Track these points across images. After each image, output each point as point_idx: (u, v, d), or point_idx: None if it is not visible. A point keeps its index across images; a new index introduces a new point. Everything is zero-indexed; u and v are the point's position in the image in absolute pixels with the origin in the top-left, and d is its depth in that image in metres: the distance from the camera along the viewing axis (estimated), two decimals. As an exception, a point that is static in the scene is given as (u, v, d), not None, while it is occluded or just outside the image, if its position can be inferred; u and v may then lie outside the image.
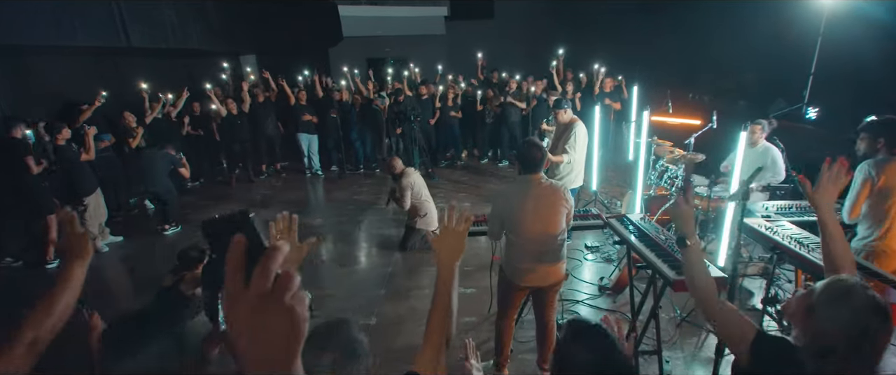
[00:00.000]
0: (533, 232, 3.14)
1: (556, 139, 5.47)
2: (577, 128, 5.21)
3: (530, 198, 3.12)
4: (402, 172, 5.74)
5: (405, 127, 8.62)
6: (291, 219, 1.84)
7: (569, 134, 5.21)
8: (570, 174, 5.37)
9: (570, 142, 5.17)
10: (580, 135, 5.22)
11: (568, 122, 5.34)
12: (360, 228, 6.76)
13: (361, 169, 9.65)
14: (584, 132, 5.27)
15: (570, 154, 5.18)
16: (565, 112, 5.33)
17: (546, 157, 3.19)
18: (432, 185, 8.44)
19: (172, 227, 7.04)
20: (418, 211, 5.76)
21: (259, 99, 8.99)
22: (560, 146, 5.31)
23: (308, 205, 7.87)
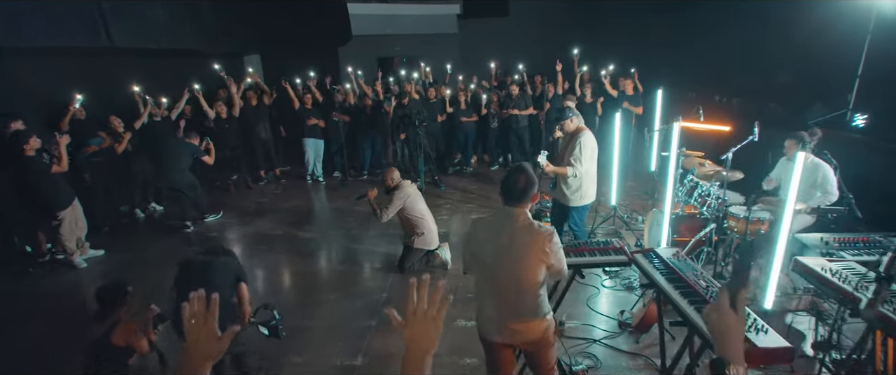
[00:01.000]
0: (501, 275, 2.52)
1: (563, 149, 4.83)
2: (582, 137, 4.58)
3: (506, 236, 2.48)
4: (397, 185, 5.12)
5: (410, 132, 8.01)
6: (211, 301, 1.23)
7: (574, 144, 4.58)
8: (578, 190, 4.74)
9: (576, 153, 4.55)
10: (587, 146, 4.58)
11: (574, 132, 4.70)
12: (355, 244, 6.16)
13: (365, 174, 9.06)
14: (591, 143, 4.64)
15: (575, 167, 4.55)
16: (571, 121, 4.71)
17: (533, 187, 2.53)
18: (438, 195, 7.85)
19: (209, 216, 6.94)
20: (415, 229, 5.14)
21: (252, 102, 8.45)
22: (565, 157, 4.69)
23: (303, 215, 7.30)
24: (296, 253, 5.98)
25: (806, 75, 7.67)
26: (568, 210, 4.87)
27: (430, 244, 5.21)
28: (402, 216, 5.13)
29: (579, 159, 4.54)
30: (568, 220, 4.94)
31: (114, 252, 6.13)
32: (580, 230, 4.98)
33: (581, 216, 4.93)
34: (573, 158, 4.55)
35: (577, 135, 4.62)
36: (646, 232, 5.38)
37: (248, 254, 6.01)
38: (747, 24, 8.29)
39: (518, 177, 2.50)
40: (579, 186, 4.72)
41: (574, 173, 4.55)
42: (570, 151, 4.60)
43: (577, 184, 4.70)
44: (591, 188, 4.81)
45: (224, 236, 6.66)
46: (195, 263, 3.20)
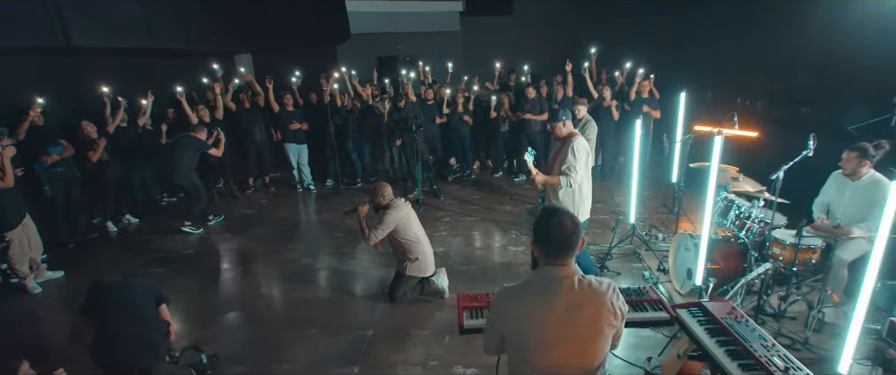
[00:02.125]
0: (555, 364, 1.78)
1: (553, 157, 4.16)
2: (575, 142, 3.90)
3: (558, 308, 1.75)
4: (390, 204, 4.41)
5: (406, 137, 7.28)
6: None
7: (566, 151, 3.90)
8: (571, 206, 4.00)
9: (569, 160, 3.86)
10: (581, 152, 3.90)
11: (566, 137, 4.02)
12: (343, 264, 5.45)
13: (359, 182, 8.34)
14: (584, 148, 3.96)
15: (569, 176, 3.86)
16: (564, 124, 4.02)
17: (581, 229, 1.81)
18: (437, 206, 7.13)
19: (187, 228, 6.53)
20: (408, 254, 4.42)
21: (245, 104, 7.76)
22: (556, 166, 4.00)
23: (289, 230, 6.60)
24: (276, 276, 5.27)
25: (842, 75, 6.89)
26: None
27: (424, 270, 4.49)
28: (394, 239, 4.42)
29: (574, 167, 3.84)
30: None
31: (75, 273, 5.43)
32: (582, 255, 4.24)
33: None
34: (566, 166, 3.85)
35: (569, 140, 3.93)
36: (671, 258, 4.64)
37: (223, 277, 5.32)
38: (770, 20, 7.50)
39: (562, 222, 1.79)
40: (572, 201, 4.00)
41: (568, 183, 3.87)
42: (563, 158, 3.90)
43: (570, 198, 4.00)
44: (586, 204, 4.12)
45: (201, 252, 5.96)
46: (113, 286, 3.06)
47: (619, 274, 4.91)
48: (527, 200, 7.30)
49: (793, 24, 7.11)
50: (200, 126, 6.63)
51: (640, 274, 4.92)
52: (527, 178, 3.83)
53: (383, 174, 8.93)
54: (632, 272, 4.99)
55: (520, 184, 8.15)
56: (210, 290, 5.08)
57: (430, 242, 4.61)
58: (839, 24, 6.24)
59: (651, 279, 4.76)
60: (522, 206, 7.05)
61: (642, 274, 4.89)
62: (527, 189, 7.87)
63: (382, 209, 4.41)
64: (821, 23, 6.64)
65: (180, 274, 5.40)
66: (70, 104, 6.77)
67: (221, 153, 6.82)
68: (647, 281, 4.74)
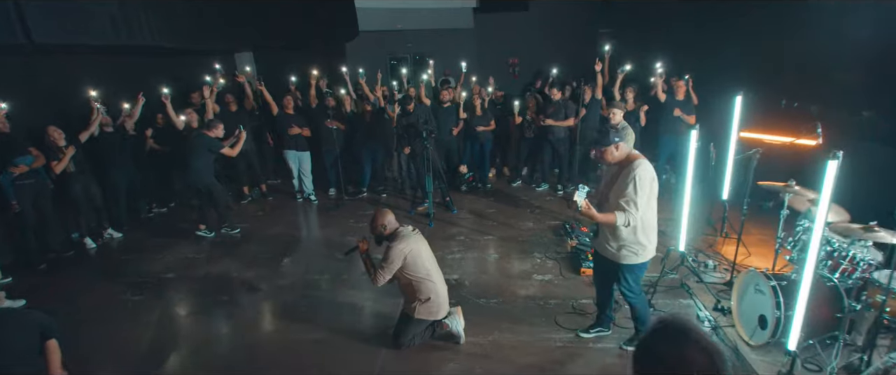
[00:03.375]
0: None
1: (607, 185, 3.26)
2: (639, 170, 3.00)
3: None
4: (393, 234, 3.59)
5: (416, 145, 6.46)
6: None
7: (626, 179, 3.00)
8: (634, 242, 3.18)
9: (628, 192, 2.99)
10: (644, 182, 3.00)
11: (623, 161, 3.14)
12: (343, 295, 4.65)
13: (365, 192, 7.54)
14: (650, 176, 3.05)
15: (628, 212, 2.98)
16: (617, 147, 3.09)
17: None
18: (450, 221, 6.30)
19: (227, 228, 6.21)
20: (418, 293, 3.61)
21: (231, 108, 6.99)
22: (612, 198, 3.11)
23: (284, 250, 5.81)
24: (264, 310, 4.49)
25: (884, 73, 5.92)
26: (618, 268, 3.30)
27: (436, 313, 3.67)
28: (401, 276, 3.60)
29: (634, 201, 2.98)
30: (619, 283, 3.38)
31: (39, 300, 4.69)
32: (636, 296, 3.41)
33: (637, 277, 3.36)
34: (625, 200, 2.99)
35: (629, 166, 3.05)
36: (735, 298, 3.77)
37: (203, 310, 4.53)
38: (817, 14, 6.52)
39: (685, 356, 1.03)
40: (635, 238, 3.15)
41: (627, 221, 2.99)
42: (620, 189, 3.03)
43: (631, 234, 3.14)
44: (652, 238, 3.23)
45: (183, 276, 5.19)
46: None
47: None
48: (550, 215, 6.44)
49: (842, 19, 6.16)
50: (215, 122, 6.01)
51: (694, 314, 4.05)
52: (576, 209, 2.88)
53: (390, 182, 8.12)
54: (682, 311, 4.13)
55: (541, 195, 7.29)
56: (184, 326, 4.31)
57: (442, 276, 3.78)
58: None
59: (708, 321, 3.90)
60: (545, 223, 6.19)
61: (696, 315, 4.02)
62: (549, 201, 7.01)
63: (386, 239, 3.61)
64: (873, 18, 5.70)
65: (155, 303, 4.63)
66: (44, 108, 6.03)
67: (237, 153, 6.18)
68: (704, 325, 3.88)
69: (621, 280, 3.34)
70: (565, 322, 4.01)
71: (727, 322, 3.87)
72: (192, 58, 8.49)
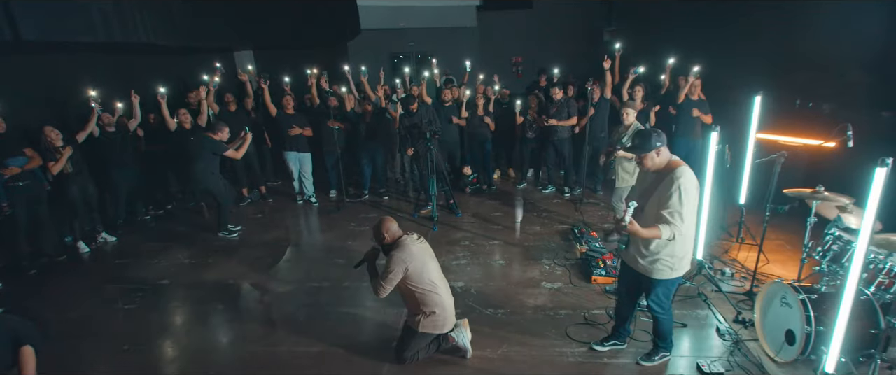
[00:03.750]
0: None
1: (643, 193, 3.00)
2: (683, 179, 2.75)
3: None
4: (396, 242, 3.37)
5: (419, 146, 6.23)
6: None
7: (670, 189, 2.75)
8: (671, 256, 2.93)
9: (672, 203, 2.74)
10: (689, 192, 2.75)
11: (663, 168, 2.89)
12: (343, 303, 4.43)
13: (367, 194, 7.32)
14: (694, 186, 2.80)
15: (673, 225, 2.73)
16: (658, 152, 2.85)
17: None
18: (454, 224, 6.08)
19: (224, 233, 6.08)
20: (422, 305, 3.38)
21: (230, 108, 6.78)
22: (651, 210, 2.86)
23: (281, 254, 5.60)
24: (261, 320, 4.26)
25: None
26: (650, 284, 3.07)
27: (442, 326, 3.45)
28: (404, 288, 3.38)
29: (679, 213, 2.74)
30: (647, 296, 3.16)
31: (27, 308, 4.47)
32: (665, 312, 3.18)
33: (669, 292, 3.14)
34: (669, 211, 2.75)
35: (671, 174, 2.80)
36: (759, 309, 3.54)
37: (197, 320, 4.32)
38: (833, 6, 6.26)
39: None
40: (671, 250, 2.92)
41: (672, 235, 2.75)
42: (662, 199, 2.79)
43: (668, 246, 2.90)
44: (688, 250, 3.00)
45: (178, 283, 4.98)
46: None
47: (685, 327, 3.81)
48: (557, 218, 6.22)
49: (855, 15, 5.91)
50: (220, 124, 5.82)
51: (713, 325, 3.83)
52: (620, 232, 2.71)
53: (393, 183, 7.90)
54: (699, 322, 3.90)
55: (548, 198, 7.05)
56: (176, 337, 4.09)
57: (449, 288, 3.56)
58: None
59: (730, 335, 3.67)
60: (553, 227, 5.97)
61: (716, 328, 3.80)
62: (556, 204, 6.78)
63: (388, 248, 3.39)
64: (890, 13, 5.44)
65: (148, 313, 4.42)
66: (41, 108, 5.83)
67: (241, 155, 6.02)
68: (725, 338, 3.66)
69: (651, 294, 3.11)
70: (577, 335, 3.79)
71: (750, 335, 3.64)
72: (191, 56, 8.28)
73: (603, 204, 6.66)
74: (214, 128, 5.79)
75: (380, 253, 3.51)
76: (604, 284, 4.50)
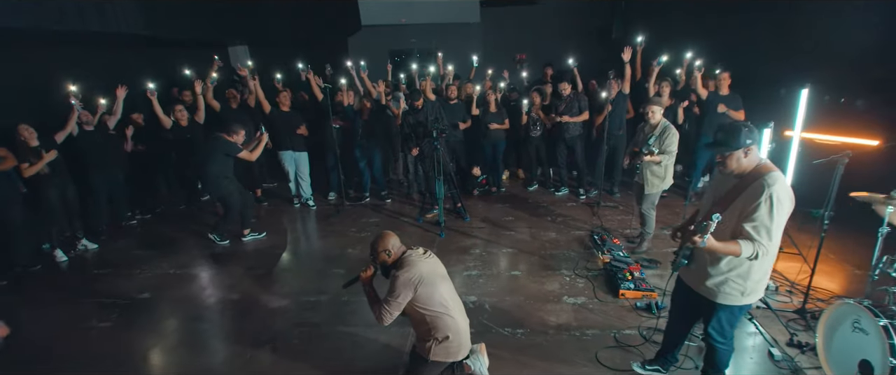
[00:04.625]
0: None
1: (721, 201, 2.47)
2: (775, 188, 2.24)
3: None
4: (399, 261, 2.85)
5: (425, 146, 5.73)
6: None
7: (757, 199, 2.24)
8: (747, 277, 2.44)
9: (760, 217, 2.24)
10: (783, 204, 2.26)
11: (752, 172, 2.38)
12: (342, 323, 3.92)
13: (367, 197, 6.82)
14: (789, 196, 2.31)
15: (759, 244, 2.25)
16: (747, 152, 2.34)
17: None
18: (462, 230, 5.58)
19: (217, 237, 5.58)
20: (433, 330, 2.87)
21: (231, 104, 6.27)
22: (730, 218, 2.37)
23: (275, 263, 5.10)
24: (249, 341, 3.75)
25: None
26: (713, 308, 2.56)
27: (456, 353, 2.94)
28: (413, 310, 2.86)
29: (767, 229, 2.23)
30: (707, 323, 2.64)
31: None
32: (726, 342, 2.66)
33: (734, 320, 2.62)
34: (754, 225, 2.24)
35: (761, 180, 2.27)
36: (821, 334, 3.04)
37: (177, 341, 3.81)
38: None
39: None
40: (747, 272, 2.41)
41: (755, 253, 2.25)
42: (747, 210, 2.27)
43: (745, 268, 2.40)
44: (766, 273, 2.48)
45: (160, 297, 4.47)
46: None
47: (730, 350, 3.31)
48: (574, 223, 5.71)
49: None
50: (236, 125, 5.30)
51: (765, 348, 3.33)
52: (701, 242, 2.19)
53: (395, 185, 7.40)
54: (746, 344, 3.40)
55: (561, 200, 6.55)
56: (153, 361, 3.58)
57: (463, 309, 3.05)
58: None
59: (786, 362, 3.17)
60: (570, 233, 5.47)
61: (768, 352, 3.30)
62: (571, 207, 6.28)
63: (391, 268, 2.87)
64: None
65: (123, 332, 3.92)
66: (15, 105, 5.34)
67: (256, 157, 5.54)
68: (780, 366, 3.16)
69: (712, 320, 2.60)
70: (610, 360, 3.29)
71: (810, 362, 3.14)
72: (183, 52, 7.78)
73: (622, 207, 6.15)
74: (230, 130, 5.24)
75: (375, 273, 2.98)
76: (633, 299, 4.00)
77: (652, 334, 3.48)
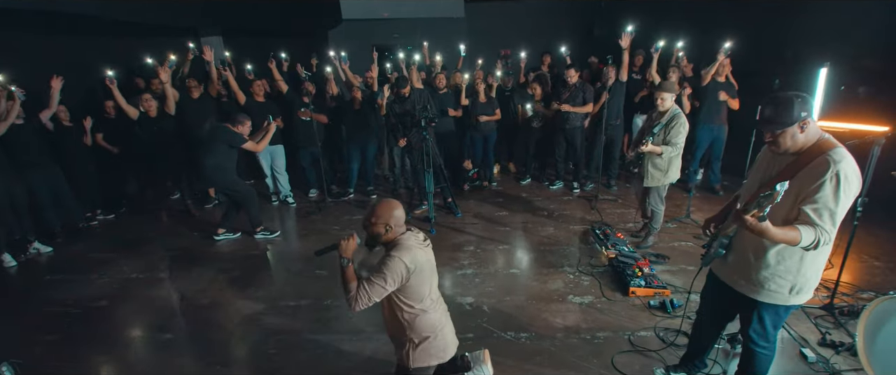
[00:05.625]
0: None
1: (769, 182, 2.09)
2: (842, 164, 1.88)
3: None
4: (396, 241, 2.39)
5: (413, 136, 5.30)
6: None
7: (820, 178, 1.87)
8: (798, 271, 2.08)
9: (824, 199, 1.88)
10: (852, 184, 1.89)
11: (811, 149, 1.99)
12: (322, 333, 3.47)
13: (352, 192, 6.35)
14: (857, 175, 1.93)
15: (822, 228, 1.90)
16: (803, 127, 1.96)
17: None
18: (454, 226, 5.17)
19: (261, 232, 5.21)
20: (409, 330, 2.40)
21: (192, 94, 5.75)
22: (788, 201, 1.99)
23: (250, 267, 4.61)
24: (218, 356, 3.27)
25: None
26: (755, 307, 2.21)
27: (443, 353, 2.47)
28: (393, 303, 2.38)
29: (831, 213, 1.88)
30: (748, 324, 2.28)
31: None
32: (768, 347, 2.30)
33: (778, 322, 2.26)
34: (816, 208, 1.88)
35: (825, 156, 1.90)
36: (862, 331, 2.70)
37: (136, 356, 3.31)
38: None
39: None
40: (798, 265, 2.06)
41: (815, 241, 1.89)
42: (809, 191, 1.90)
43: (795, 261, 2.05)
44: (820, 267, 2.11)
45: (118, 304, 3.95)
46: None
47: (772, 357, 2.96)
48: (572, 218, 5.35)
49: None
50: (242, 116, 4.88)
51: (794, 349, 2.99)
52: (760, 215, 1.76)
53: (380, 181, 6.95)
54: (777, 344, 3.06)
55: (556, 195, 6.18)
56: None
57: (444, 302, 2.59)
58: None
59: (822, 364, 2.83)
60: (569, 227, 5.10)
61: (799, 351, 2.96)
62: (567, 201, 5.92)
63: (386, 245, 2.41)
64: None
65: (74, 346, 3.40)
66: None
67: (263, 148, 5.09)
68: (815, 368, 2.82)
69: (754, 321, 2.24)
70: (627, 367, 2.91)
71: (849, 364, 2.82)
72: (151, 39, 7.20)
73: (620, 200, 5.82)
74: (234, 120, 4.80)
75: (357, 249, 2.39)
76: (645, 297, 3.64)
77: (675, 336, 3.12)
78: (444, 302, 2.56)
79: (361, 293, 2.23)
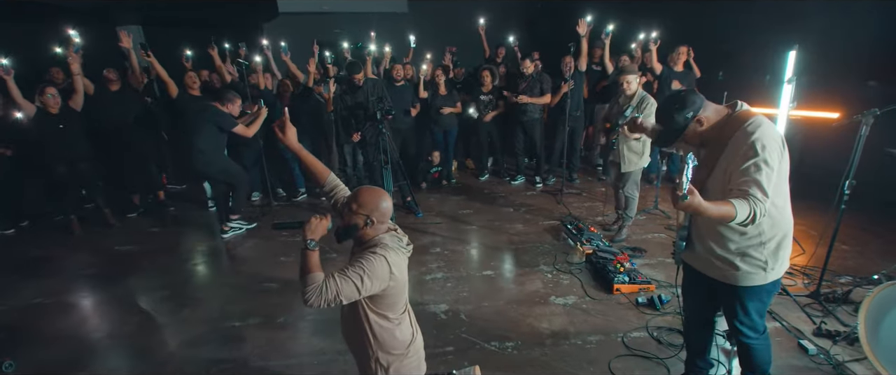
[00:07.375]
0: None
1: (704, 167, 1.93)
2: (759, 131, 1.78)
3: None
4: (374, 241, 1.86)
5: (368, 131, 4.81)
6: None
7: (740, 148, 1.79)
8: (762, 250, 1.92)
9: (749, 167, 1.76)
10: (773, 147, 1.78)
11: (726, 127, 1.91)
12: (274, 357, 2.94)
13: (303, 193, 5.76)
14: (774, 138, 1.81)
15: (754, 198, 1.74)
16: (701, 120, 1.91)
17: None
18: (416, 227, 4.74)
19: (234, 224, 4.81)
20: (384, 344, 1.91)
21: (111, 87, 4.96)
22: (715, 186, 1.92)
23: (184, 281, 3.96)
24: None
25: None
26: (733, 294, 2.00)
27: (416, 370, 2.07)
28: (364, 311, 1.87)
29: (758, 182, 1.74)
30: (733, 315, 2.07)
31: None
32: (758, 337, 2.10)
33: (762, 306, 2.05)
34: (745, 180, 1.74)
35: (741, 129, 1.80)
36: (863, 318, 2.56)
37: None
38: None
39: None
40: (760, 240, 1.89)
41: (750, 214, 1.71)
42: (733, 166, 1.80)
43: (755, 235, 1.89)
44: (786, 238, 1.94)
45: (17, 337, 3.19)
46: None
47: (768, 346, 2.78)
48: (540, 213, 5.08)
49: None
50: (231, 93, 4.46)
51: (791, 342, 2.83)
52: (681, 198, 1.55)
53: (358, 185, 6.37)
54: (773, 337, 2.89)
55: (519, 190, 5.90)
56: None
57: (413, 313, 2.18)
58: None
59: (823, 356, 2.68)
60: (539, 223, 4.81)
61: (797, 343, 2.80)
62: (531, 196, 5.65)
63: (360, 245, 1.93)
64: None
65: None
66: None
67: (253, 133, 4.52)
68: (817, 360, 2.66)
69: (737, 310, 2.03)
70: (626, 372, 2.63)
71: (849, 353, 2.68)
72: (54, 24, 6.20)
73: (584, 193, 5.63)
74: (223, 98, 4.38)
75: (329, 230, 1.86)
76: (631, 294, 3.39)
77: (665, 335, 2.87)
78: (414, 311, 2.12)
79: (328, 286, 1.65)
